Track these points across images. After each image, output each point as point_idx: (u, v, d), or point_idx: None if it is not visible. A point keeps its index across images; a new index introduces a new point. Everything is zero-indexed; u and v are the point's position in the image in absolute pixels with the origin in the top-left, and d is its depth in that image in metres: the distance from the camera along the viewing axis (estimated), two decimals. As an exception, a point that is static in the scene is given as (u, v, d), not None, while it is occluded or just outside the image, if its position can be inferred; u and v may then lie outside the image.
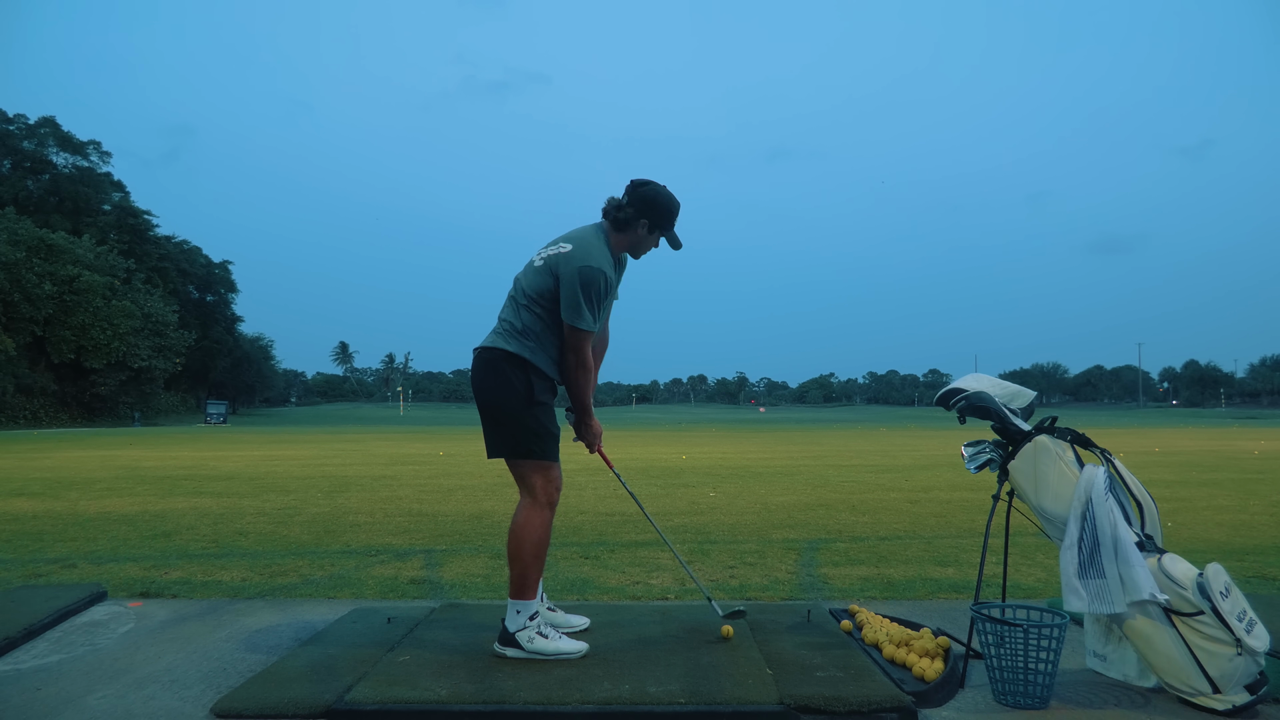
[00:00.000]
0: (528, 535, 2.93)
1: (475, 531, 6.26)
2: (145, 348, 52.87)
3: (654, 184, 3.09)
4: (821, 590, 4.27)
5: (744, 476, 11.51)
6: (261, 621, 3.54)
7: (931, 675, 2.66)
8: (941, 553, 5.35)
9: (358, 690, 2.54)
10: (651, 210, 3.04)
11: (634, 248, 3.13)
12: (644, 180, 3.09)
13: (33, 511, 7.57)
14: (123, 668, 2.91)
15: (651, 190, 3.06)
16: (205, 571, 4.76)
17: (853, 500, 8.44)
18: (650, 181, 3.09)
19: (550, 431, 3.02)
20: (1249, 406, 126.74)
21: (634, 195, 3.06)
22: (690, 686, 2.56)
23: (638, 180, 3.10)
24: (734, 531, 6.29)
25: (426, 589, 4.30)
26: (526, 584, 2.93)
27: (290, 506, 7.91)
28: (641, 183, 3.08)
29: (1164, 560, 2.61)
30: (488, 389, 2.99)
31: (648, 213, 3.04)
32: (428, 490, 9.44)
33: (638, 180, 3.10)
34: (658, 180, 3.11)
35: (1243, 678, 2.47)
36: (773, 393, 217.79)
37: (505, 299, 3.13)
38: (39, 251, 46.53)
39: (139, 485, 10.20)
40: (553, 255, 2.98)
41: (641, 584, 4.42)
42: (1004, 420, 2.90)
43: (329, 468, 13.28)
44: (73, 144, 59.86)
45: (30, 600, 3.70)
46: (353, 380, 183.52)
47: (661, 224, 3.07)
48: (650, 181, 3.09)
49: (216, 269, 74.27)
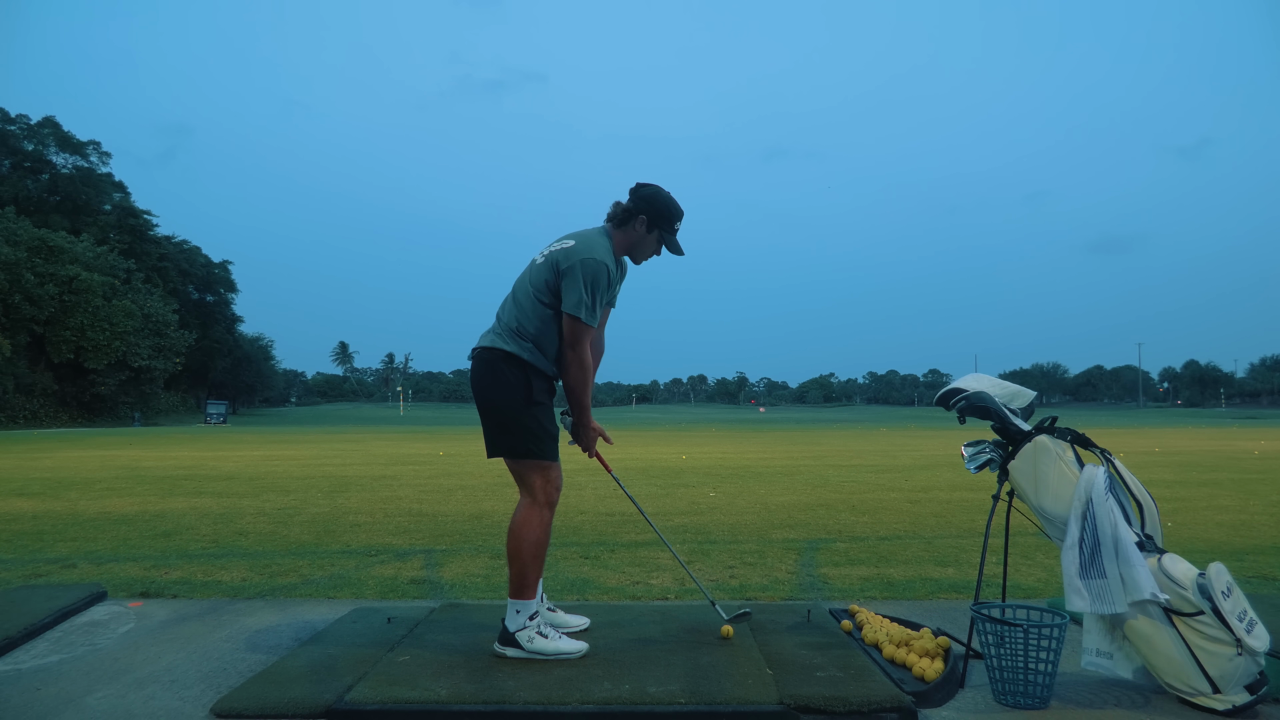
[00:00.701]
0: (527, 535, 2.93)
1: (475, 531, 6.26)
2: (145, 348, 52.87)
3: (656, 186, 3.11)
4: (821, 590, 4.27)
5: (744, 476, 11.51)
6: (261, 621, 3.54)
7: (931, 675, 2.66)
8: (941, 553, 5.35)
9: (358, 690, 2.54)
10: (650, 207, 3.05)
11: (634, 249, 3.12)
12: (647, 183, 3.12)
13: (33, 511, 7.57)
14: (123, 668, 2.91)
15: (652, 190, 3.09)
16: (205, 571, 4.76)
17: (853, 500, 8.44)
18: (653, 184, 3.12)
19: (549, 431, 3.02)
20: (1249, 406, 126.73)
21: (634, 193, 3.09)
22: (690, 686, 2.56)
23: (641, 182, 3.12)
24: (734, 531, 6.29)
25: (426, 589, 4.30)
26: (526, 584, 2.93)
27: (290, 506, 7.91)
28: (644, 184, 3.11)
29: (1164, 560, 2.61)
30: (486, 389, 2.99)
31: (646, 209, 3.05)
32: (428, 490, 9.44)
33: (641, 182, 3.12)
34: (662, 185, 3.14)
35: (1243, 678, 2.47)
36: (773, 393, 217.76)
37: (505, 298, 3.13)
38: (39, 252, 46.53)
39: (139, 485, 10.20)
40: (555, 251, 3.00)
41: (641, 584, 4.42)
42: (1004, 420, 2.90)
43: (329, 468, 13.28)
44: (73, 144, 59.84)
45: (30, 600, 3.70)
46: (353, 380, 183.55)
47: (660, 223, 3.07)
48: (653, 184, 3.12)
49: (216, 269, 74.27)
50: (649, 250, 3.14)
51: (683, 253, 3.18)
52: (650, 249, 3.14)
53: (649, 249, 3.14)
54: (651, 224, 3.07)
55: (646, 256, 3.17)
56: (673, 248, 3.16)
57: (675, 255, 3.20)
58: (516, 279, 3.13)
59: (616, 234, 3.08)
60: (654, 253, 3.16)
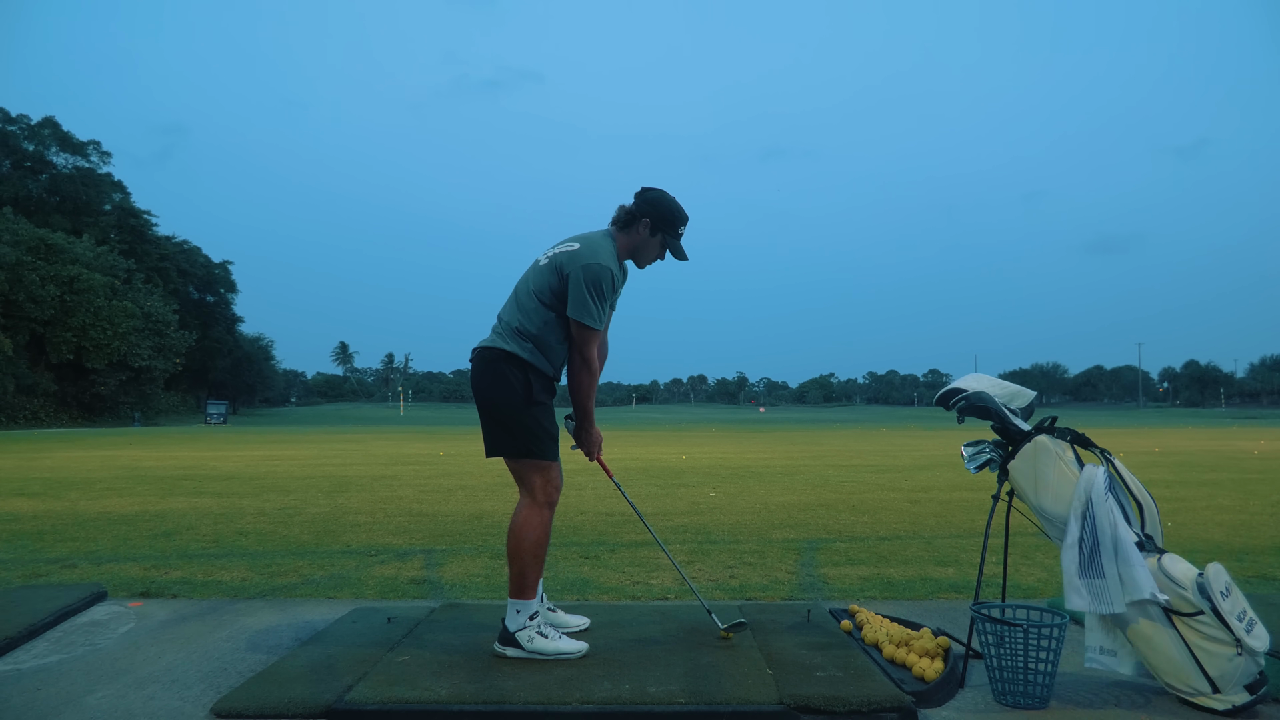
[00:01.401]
0: (527, 534, 2.93)
1: (475, 531, 6.26)
2: (145, 348, 52.89)
3: (661, 190, 3.11)
4: (821, 590, 4.27)
5: (744, 476, 11.51)
6: (261, 621, 3.54)
7: (931, 675, 2.66)
8: (941, 553, 5.35)
9: (358, 690, 2.54)
10: (654, 210, 3.05)
11: (637, 252, 3.11)
12: (652, 187, 3.12)
13: (33, 511, 7.57)
14: (123, 668, 2.91)
15: (656, 193, 3.09)
16: (205, 571, 4.76)
17: (853, 500, 8.44)
18: (658, 188, 3.12)
19: (549, 431, 3.02)
20: (1249, 406, 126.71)
21: (639, 197, 3.09)
22: (690, 686, 2.56)
23: (646, 186, 3.12)
24: (734, 531, 6.29)
25: (426, 589, 4.30)
26: (526, 583, 2.93)
27: (290, 506, 7.91)
28: (649, 188, 3.11)
29: (1164, 560, 2.61)
30: (486, 388, 2.98)
31: (650, 212, 3.05)
32: (428, 490, 9.44)
33: (646, 186, 3.12)
34: (663, 186, 3.13)
35: (1242, 678, 2.47)
36: (773, 393, 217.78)
37: (507, 299, 3.13)
38: (39, 252, 46.54)
39: (139, 485, 10.20)
40: (560, 254, 3.00)
41: (641, 584, 4.42)
42: (1004, 420, 2.90)
43: (329, 468, 13.28)
44: (73, 144, 59.89)
45: (30, 600, 3.71)
46: (353, 380, 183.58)
47: (663, 225, 3.06)
48: (658, 188, 3.12)
49: (216, 269, 74.30)
50: (652, 254, 3.13)
51: (686, 257, 3.17)
52: (653, 253, 3.13)
53: (652, 253, 3.13)
54: (655, 228, 3.07)
55: (650, 260, 3.15)
56: (676, 252, 3.15)
57: (679, 260, 3.19)
58: (519, 279, 3.13)
59: (620, 237, 3.08)
60: (657, 257, 3.15)
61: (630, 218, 3.06)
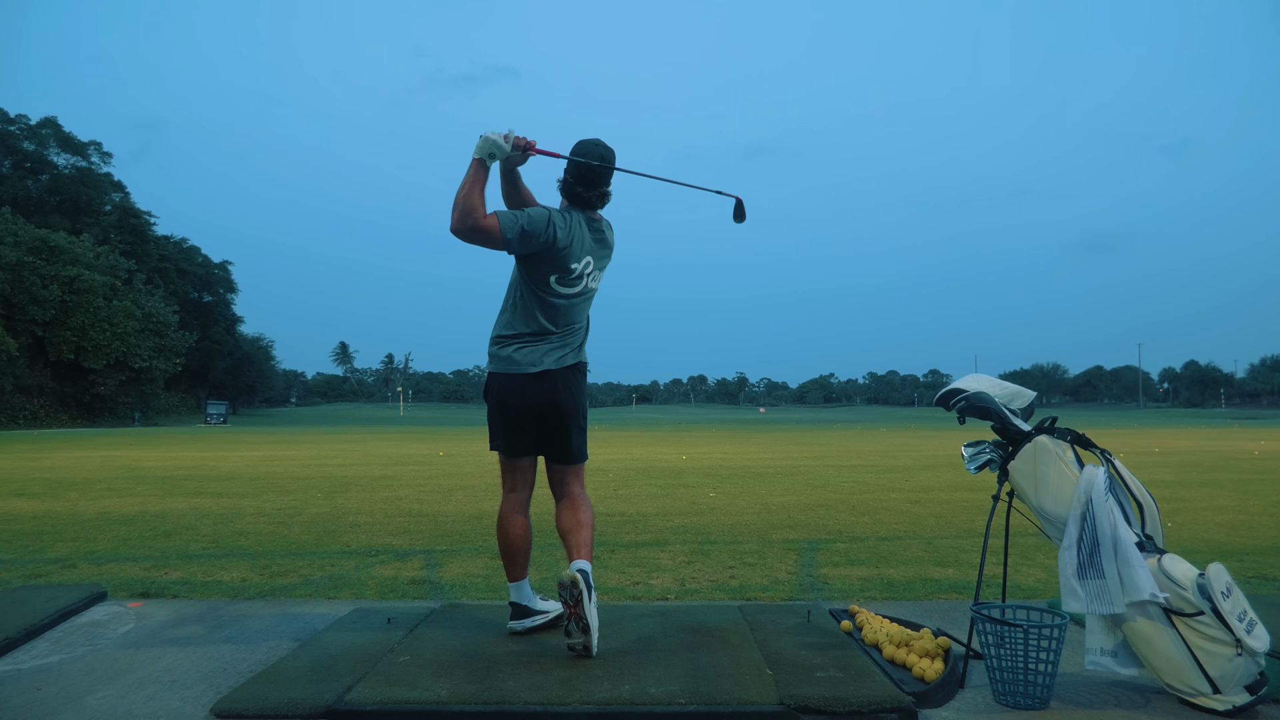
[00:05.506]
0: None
1: (475, 532, 6.26)
2: (145, 348, 52.87)
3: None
4: (821, 590, 4.28)
5: (744, 477, 11.51)
6: (261, 621, 3.54)
7: (931, 675, 2.66)
8: (941, 553, 5.35)
9: (358, 690, 2.54)
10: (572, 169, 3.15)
11: (576, 198, 3.14)
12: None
13: (33, 511, 7.57)
14: (123, 668, 2.91)
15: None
16: (205, 571, 4.76)
17: (853, 501, 8.44)
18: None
19: (497, 428, 3.19)
20: (1249, 406, 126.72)
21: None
22: (690, 686, 2.56)
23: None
24: (734, 532, 6.29)
25: (426, 589, 4.30)
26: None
27: (290, 507, 7.91)
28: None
29: (1164, 560, 2.61)
30: (578, 397, 3.23)
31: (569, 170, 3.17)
32: (428, 490, 9.44)
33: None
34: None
35: (1243, 678, 2.47)
36: (773, 393, 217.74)
37: (560, 314, 3.23)
38: (40, 253, 46.54)
39: (139, 485, 10.20)
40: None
41: (641, 584, 4.42)
42: (1004, 420, 2.90)
43: (329, 468, 13.28)
44: (73, 144, 59.81)
45: (30, 600, 3.70)
46: (353, 381, 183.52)
47: (574, 171, 3.13)
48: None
49: (216, 269, 74.25)
50: (577, 191, 3.13)
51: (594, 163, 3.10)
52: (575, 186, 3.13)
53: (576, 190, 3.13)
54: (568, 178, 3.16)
55: (580, 185, 3.12)
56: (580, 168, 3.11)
57: (587, 168, 3.10)
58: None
59: (565, 204, 3.21)
60: (589, 188, 3.12)
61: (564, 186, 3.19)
